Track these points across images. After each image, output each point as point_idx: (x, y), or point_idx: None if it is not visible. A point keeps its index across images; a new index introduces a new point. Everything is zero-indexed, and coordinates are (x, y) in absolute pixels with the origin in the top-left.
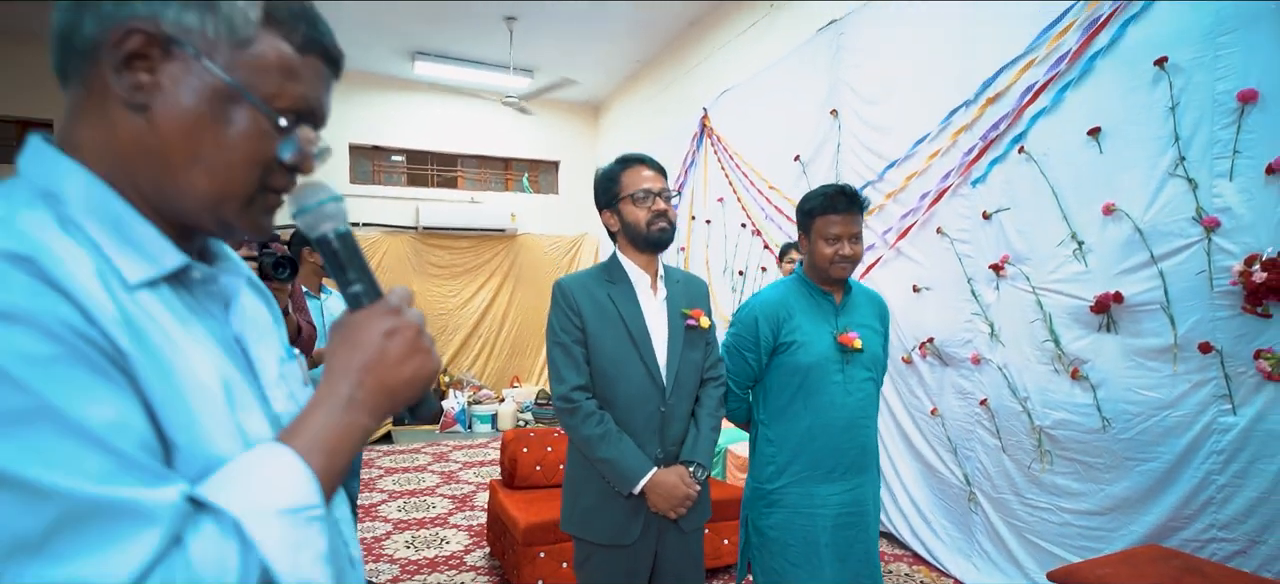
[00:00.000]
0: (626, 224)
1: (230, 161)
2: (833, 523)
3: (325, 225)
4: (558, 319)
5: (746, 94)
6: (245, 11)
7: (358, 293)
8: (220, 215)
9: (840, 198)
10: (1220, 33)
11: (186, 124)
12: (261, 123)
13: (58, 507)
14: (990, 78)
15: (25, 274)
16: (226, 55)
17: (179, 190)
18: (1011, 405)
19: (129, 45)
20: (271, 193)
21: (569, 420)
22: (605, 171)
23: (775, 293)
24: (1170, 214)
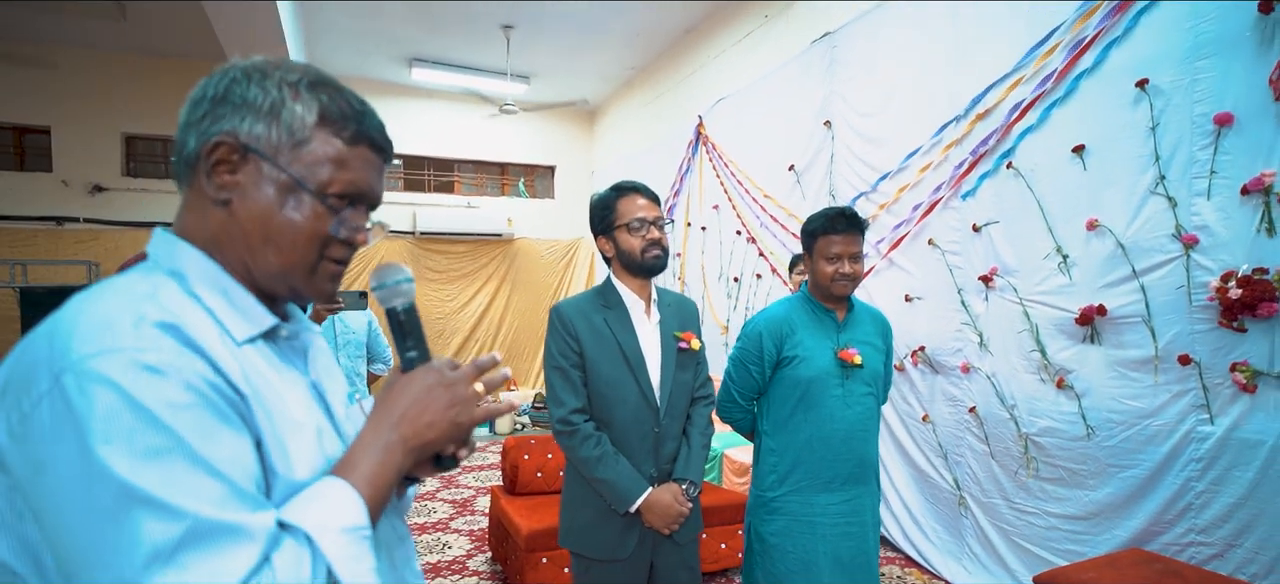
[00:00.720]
0: (621, 251)
1: (294, 240)
2: (831, 532)
3: (397, 300)
4: (556, 344)
5: (742, 103)
6: (302, 117)
7: (413, 358)
8: (290, 284)
9: (840, 219)
10: (1198, 57)
11: (259, 212)
12: (317, 207)
13: (187, 524)
14: (980, 94)
15: (172, 337)
16: (288, 155)
17: (257, 265)
18: (1000, 413)
19: (216, 154)
20: (332, 263)
21: (568, 442)
22: (601, 199)
23: (780, 309)
24: (1151, 231)
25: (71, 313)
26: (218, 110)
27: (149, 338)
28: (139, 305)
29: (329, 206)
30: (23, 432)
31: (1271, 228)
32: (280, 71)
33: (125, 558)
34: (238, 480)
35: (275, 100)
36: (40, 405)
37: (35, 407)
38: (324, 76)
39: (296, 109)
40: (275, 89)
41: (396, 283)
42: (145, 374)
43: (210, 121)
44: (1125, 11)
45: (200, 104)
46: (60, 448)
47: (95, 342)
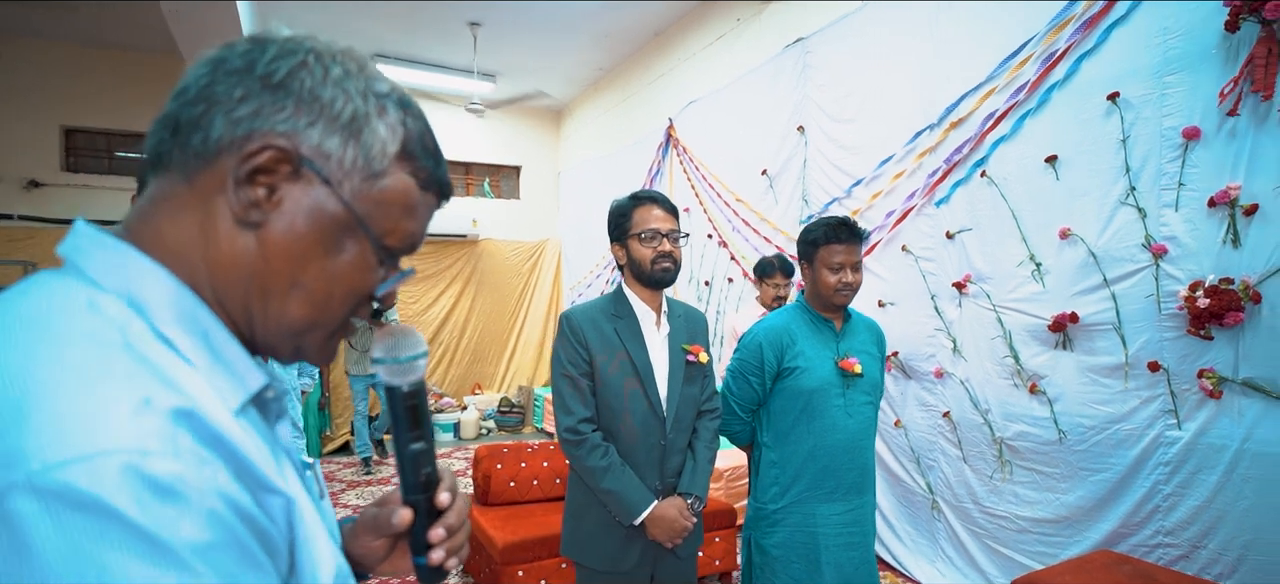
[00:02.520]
0: (633, 260)
1: (332, 292)
2: (834, 541)
3: (405, 379)
4: (565, 351)
5: (713, 106)
6: (385, 143)
7: (417, 453)
8: (301, 343)
9: (843, 229)
10: (1167, 73)
11: (297, 250)
12: (370, 257)
13: None
14: (953, 103)
15: (192, 433)
16: (356, 185)
17: (270, 313)
18: (973, 418)
19: (260, 159)
20: (350, 323)
21: (575, 451)
22: (619, 206)
23: (779, 320)
24: (1122, 240)
25: (13, 367)
26: (269, 98)
27: (161, 434)
28: (135, 374)
29: (382, 260)
30: None
31: (1237, 239)
32: (366, 76)
33: None
34: None
35: (359, 112)
36: None
37: None
38: (411, 98)
39: (380, 130)
40: (360, 97)
41: (411, 359)
42: (159, 499)
43: (254, 110)
44: (1096, 26)
45: (239, 79)
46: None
47: (69, 438)
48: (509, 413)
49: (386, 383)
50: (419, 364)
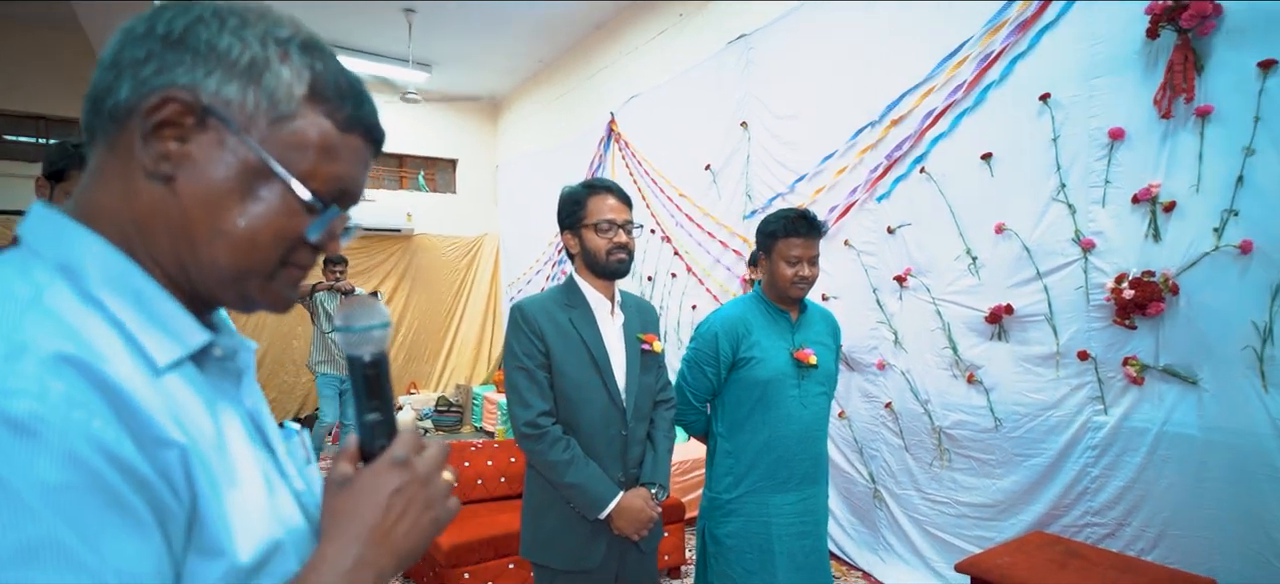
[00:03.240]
0: (586, 250)
1: (254, 238)
2: (787, 531)
3: (366, 348)
4: (520, 343)
5: (656, 101)
6: (290, 86)
7: (373, 423)
8: (242, 290)
9: (801, 223)
10: (1094, 76)
11: (212, 197)
12: (291, 201)
13: None
14: (893, 101)
15: (69, 377)
16: (263, 129)
17: (198, 262)
18: (914, 408)
19: (162, 113)
20: (294, 268)
21: (535, 446)
22: (571, 194)
23: (735, 310)
24: (1053, 235)
25: None
26: (170, 55)
27: (26, 376)
28: (18, 322)
29: (307, 205)
30: None
31: (1157, 235)
32: (265, 22)
33: None
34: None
35: (257, 57)
36: None
37: None
38: (319, 40)
39: (283, 73)
40: (257, 43)
41: (368, 329)
42: (6, 433)
43: (156, 68)
44: (1029, 29)
45: (141, 41)
46: None
47: None
48: (447, 412)
49: (347, 353)
50: (376, 334)
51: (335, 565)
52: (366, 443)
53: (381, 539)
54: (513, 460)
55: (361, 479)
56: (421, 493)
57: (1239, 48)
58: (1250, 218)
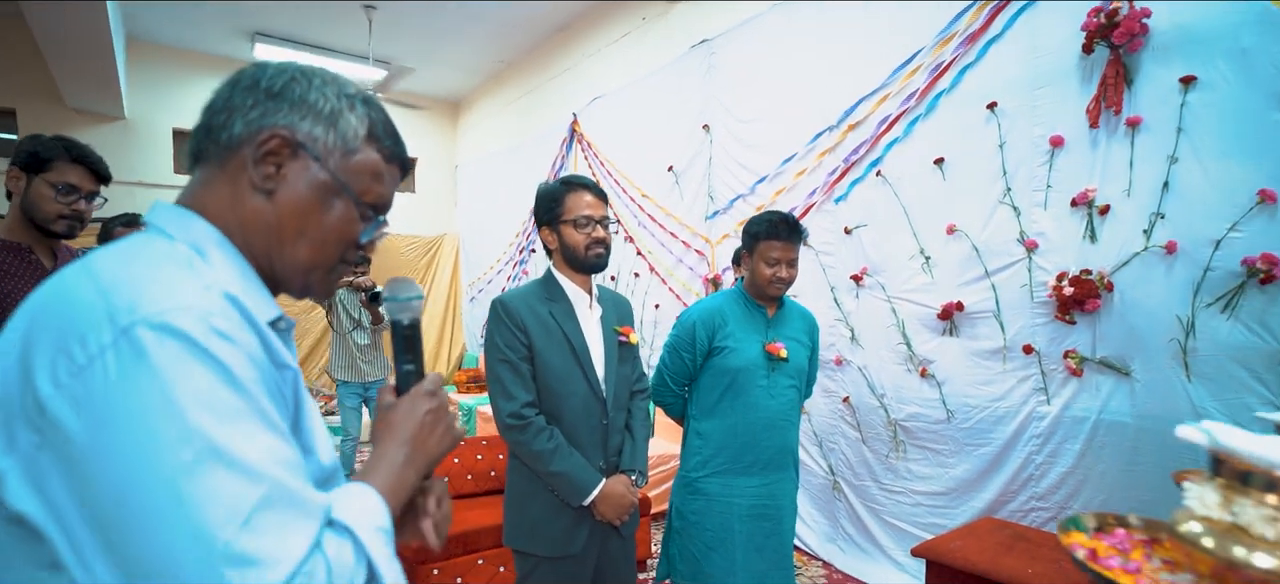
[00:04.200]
0: (565, 245)
1: (326, 239)
2: (747, 513)
3: (406, 314)
4: (503, 336)
5: (618, 103)
6: (356, 128)
7: (410, 371)
8: (308, 280)
9: (783, 227)
10: (1036, 87)
11: (300, 208)
12: (353, 213)
13: (265, 488)
14: (850, 107)
15: (236, 310)
16: (337, 160)
17: (283, 257)
18: (870, 402)
19: (269, 145)
20: (344, 264)
21: (520, 437)
22: (548, 190)
23: (715, 302)
24: (1000, 236)
25: (119, 270)
26: (271, 104)
27: (218, 304)
28: (200, 272)
29: (365, 216)
30: (77, 384)
31: (1094, 236)
32: (338, 84)
33: (201, 516)
34: (295, 455)
35: (335, 108)
36: (103, 357)
37: (95, 359)
38: (372, 95)
39: (351, 120)
40: (335, 98)
41: (409, 298)
42: (220, 338)
43: (261, 112)
44: (977, 41)
45: (250, 92)
46: (132, 401)
47: (166, 298)
48: None
49: (391, 317)
50: (415, 304)
51: (392, 459)
52: (403, 385)
53: (422, 444)
54: (479, 458)
55: (404, 402)
56: (447, 414)
57: (1164, 64)
58: (1175, 220)
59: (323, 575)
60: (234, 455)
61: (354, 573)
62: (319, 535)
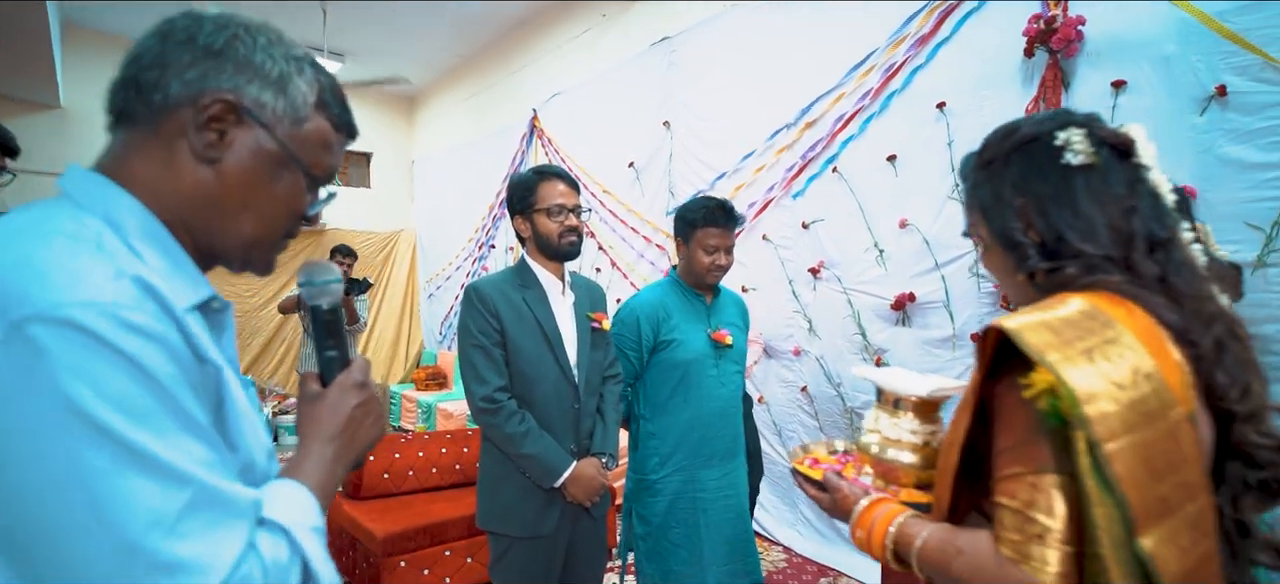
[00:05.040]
0: (538, 234)
1: (273, 212)
2: (713, 504)
3: (324, 299)
4: (475, 322)
5: (579, 99)
6: (305, 95)
7: (333, 358)
8: (250, 254)
9: (720, 213)
10: (982, 88)
11: (246, 179)
12: (301, 184)
13: (191, 491)
14: (808, 105)
15: (153, 301)
16: (286, 128)
17: (225, 230)
18: (827, 391)
19: (213, 111)
20: (286, 238)
21: (492, 420)
22: (521, 180)
23: (654, 295)
24: (950, 229)
25: (8, 251)
26: (212, 63)
27: (129, 295)
28: (110, 255)
29: (314, 188)
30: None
31: None
32: (284, 44)
33: (124, 524)
34: (219, 454)
35: (284, 72)
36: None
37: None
38: (318, 61)
39: (300, 85)
40: (283, 61)
41: (325, 282)
42: (130, 332)
43: (201, 73)
44: (927, 44)
45: (186, 47)
46: (31, 406)
47: (68, 289)
48: None
49: (309, 303)
50: (333, 287)
51: (322, 455)
52: (327, 373)
53: (351, 438)
54: (443, 451)
55: (331, 395)
56: (375, 405)
57: (1097, 68)
58: None
59: (258, 577)
60: (154, 458)
61: (288, 572)
62: (251, 535)
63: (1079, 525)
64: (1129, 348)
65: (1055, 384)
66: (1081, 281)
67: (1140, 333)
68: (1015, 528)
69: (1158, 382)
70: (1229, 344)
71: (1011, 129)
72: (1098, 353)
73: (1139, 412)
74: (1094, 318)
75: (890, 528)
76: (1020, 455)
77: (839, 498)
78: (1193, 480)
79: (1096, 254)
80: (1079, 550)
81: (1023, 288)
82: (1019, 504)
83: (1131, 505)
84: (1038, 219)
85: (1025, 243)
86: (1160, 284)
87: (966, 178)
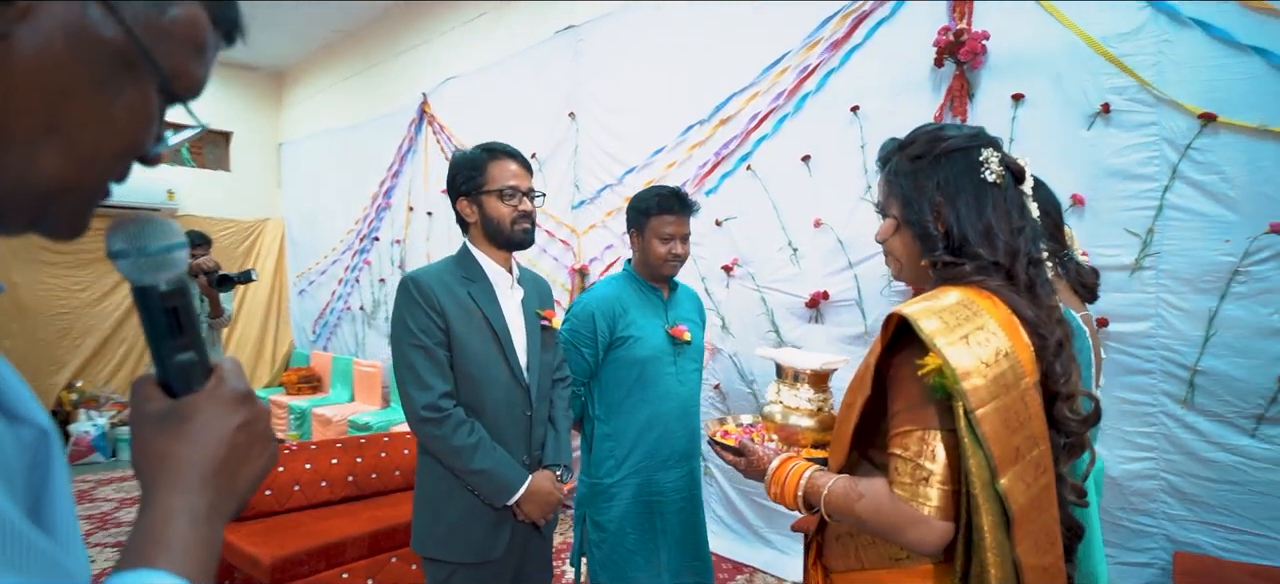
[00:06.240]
0: (487, 218)
1: (99, 144)
2: (671, 507)
3: (162, 274)
4: (415, 319)
5: (475, 85)
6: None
7: (189, 363)
8: (46, 211)
9: (675, 200)
10: (895, 93)
11: (56, 80)
12: (151, 100)
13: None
14: (722, 102)
15: None
16: (140, 8)
17: (6, 165)
18: (741, 388)
19: None
20: (111, 184)
21: (436, 431)
22: (468, 158)
23: (609, 289)
24: (862, 229)
25: None
26: None
27: None
28: None
29: (162, 106)
30: None
31: None
32: None
33: None
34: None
35: None
36: None
37: None
38: None
39: None
40: None
41: (167, 250)
42: None
43: None
44: (841, 48)
45: None
46: None
47: None
48: None
49: (138, 282)
50: (176, 255)
51: (186, 515)
52: (178, 383)
53: (230, 480)
54: (334, 462)
55: (201, 416)
56: (263, 427)
57: (999, 80)
58: None
59: None
60: None
61: None
62: None
63: (955, 470)
64: (993, 333)
65: (942, 365)
66: (971, 279)
67: (1001, 321)
68: (908, 474)
69: (1013, 359)
70: (1064, 343)
71: (939, 135)
72: (972, 337)
73: (1000, 383)
74: (968, 307)
75: (801, 480)
76: (912, 417)
77: (753, 460)
78: (1036, 432)
79: (989, 259)
80: (954, 489)
81: (920, 270)
82: (911, 455)
83: (994, 455)
84: (950, 218)
85: (936, 235)
86: (1027, 290)
87: (886, 162)
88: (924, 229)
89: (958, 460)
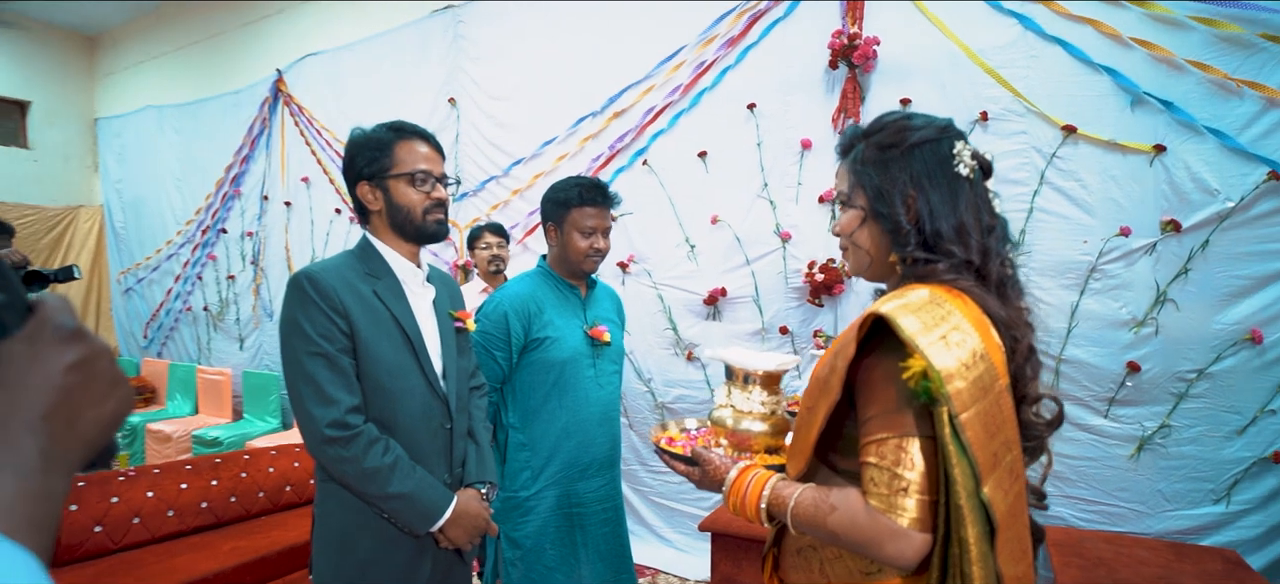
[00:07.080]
0: (394, 206)
1: None
2: (592, 520)
3: None
4: (314, 323)
5: (339, 63)
6: None
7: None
8: None
9: (596, 192)
10: (789, 93)
11: None
12: None
13: None
14: (615, 95)
15: None
16: None
17: None
18: (638, 387)
19: None
20: None
21: (343, 451)
22: (371, 138)
23: (524, 287)
24: (759, 227)
25: None
26: None
27: None
28: None
29: None
30: None
31: None
32: None
33: None
34: None
35: None
36: None
37: None
38: None
39: None
40: None
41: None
42: None
43: None
44: (737, 45)
45: None
46: None
47: None
48: None
49: None
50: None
51: (14, 468)
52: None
53: (66, 426)
54: (184, 487)
55: (19, 360)
56: (106, 366)
57: (889, 85)
58: None
59: None
60: None
61: None
62: None
63: (933, 479)
64: (967, 333)
65: (927, 367)
66: (944, 277)
67: (973, 321)
68: (884, 484)
69: (988, 361)
70: (1034, 347)
71: (907, 124)
72: (949, 338)
73: (979, 386)
74: (939, 305)
75: (764, 490)
76: (888, 422)
77: (710, 470)
78: (1011, 436)
79: (962, 258)
80: (933, 499)
81: (888, 266)
82: (887, 464)
83: (979, 462)
84: (923, 212)
85: (908, 229)
86: (998, 290)
87: (848, 150)
88: (895, 222)
89: (936, 469)
